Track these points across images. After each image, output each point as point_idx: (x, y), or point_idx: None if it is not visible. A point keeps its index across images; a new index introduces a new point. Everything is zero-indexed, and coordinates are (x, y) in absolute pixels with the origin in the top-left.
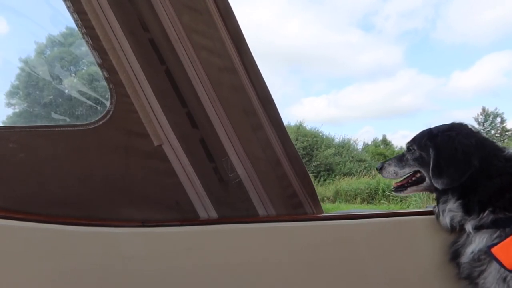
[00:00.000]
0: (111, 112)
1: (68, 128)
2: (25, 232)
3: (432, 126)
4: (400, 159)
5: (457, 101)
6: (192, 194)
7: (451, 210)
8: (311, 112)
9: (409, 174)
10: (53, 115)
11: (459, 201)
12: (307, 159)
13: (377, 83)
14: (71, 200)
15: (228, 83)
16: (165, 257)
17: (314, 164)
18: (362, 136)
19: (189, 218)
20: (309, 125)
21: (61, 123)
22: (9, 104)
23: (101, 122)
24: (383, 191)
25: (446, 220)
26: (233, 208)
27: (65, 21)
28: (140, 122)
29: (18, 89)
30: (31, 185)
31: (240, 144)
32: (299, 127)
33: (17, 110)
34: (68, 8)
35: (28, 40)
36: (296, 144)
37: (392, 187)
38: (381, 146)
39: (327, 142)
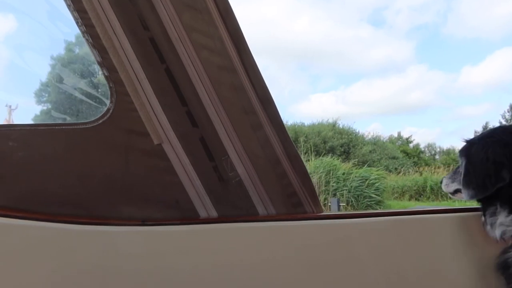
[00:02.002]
0: (111, 111)
1: (68, 127)
2: (25, 231)
3: (442, 122)
4: (454, 171)
5: (467, 97)
6: (192, 193)
7: (503, 224)
8: (318, 108)
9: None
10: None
11: None
12: (344, 156)
13: (386, 79)
14: (71, 198)
15: (228, 82)
16: (165, 256)
17: (352, 161)
18: (370, 133)
19: (189, 217)
20: (316, 121)
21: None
22: (39, 102)
23: (101, 121)
24: (432, 188)
25: (496, 233)
26: (233, 207)
27: None
28: (140, 121)
29: (47, 86)
30: (31, 183)
31: (240, 143)
32: (334, 125)
33: (45, 107)
34: (68, 6)
35: (58, 39)
36: (334, 141)
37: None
38: (397, 143)
39: (361, 139)
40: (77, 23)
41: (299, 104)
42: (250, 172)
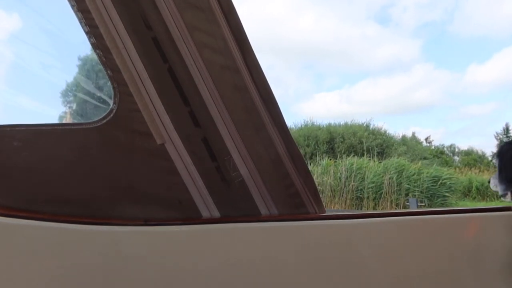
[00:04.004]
0: (114, 111)
1: (72, 127)
2: (28, 230)
3: (447, 122)
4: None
5: (473, 96)
6: (194, 193)
7: None
8: (323, 108)
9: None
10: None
11: None
12: (380, 156)
13: (392, 78)
14: (75, 198)
15: (230, 81)
16: (167, 256)
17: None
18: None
19: (191, 217)
20: (317, 121)
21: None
22: (64, 102)
23: (104, 121)
24: (477, 188)
25: None
26: (235, 207)
27: None
28: (143, 121)
29: (73, 87)
30: (34, 183)
31: (242, 143)
32: (368, 125)
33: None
34: (72, 6)
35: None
36: (370, 142)
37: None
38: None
39: (392, 140)
40: (81, 23)
41: (304, 103)
42: (252, 172)
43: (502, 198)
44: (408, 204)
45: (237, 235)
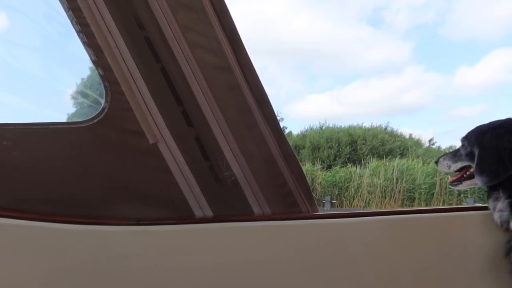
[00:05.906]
0: (106, 110)
1: (63, 126)
2: (19, 230)
3: (437, 123)
4: (455, 154)
5: (463, 98)
6: (187, 193)
7: (501, 209)
8: (314, 109)
9: (462, 168)
10: None
11: (508, 200)
12: (402, 159)
13: (383, 80)
14: (66, 198)
15: (223, 81)
16: (160, 256)
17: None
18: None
19: (184, 216)
20: (311, 122)
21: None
22: (76, 104)
23: (96, 120)
24: None
25: (495, 217)
26: (228, 206)
27: None
28: (135, 120)
29: (84, 87)
30: (26, 183)
31: (235, 143)
32: (386, 128)
33: (78, 108)
34: (63, 5)
35: None
36: (391, 144)
37: (448, 181)
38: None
39: (409, 142)
40: (71, 22)
41: (295, 104)
42: (245, 172)
43: (456, 188)
44: (465, 204)
45: (230, 234)
